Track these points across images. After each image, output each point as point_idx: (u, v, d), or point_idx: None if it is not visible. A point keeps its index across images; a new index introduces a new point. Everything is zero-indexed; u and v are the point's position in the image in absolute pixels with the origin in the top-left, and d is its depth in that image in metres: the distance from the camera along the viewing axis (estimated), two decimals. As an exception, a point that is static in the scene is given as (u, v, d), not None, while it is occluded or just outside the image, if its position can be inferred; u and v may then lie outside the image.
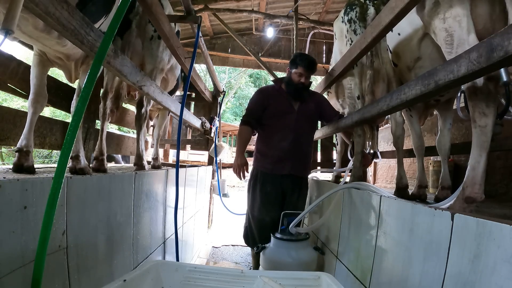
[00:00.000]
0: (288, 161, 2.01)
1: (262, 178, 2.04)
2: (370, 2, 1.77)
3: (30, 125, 1.18)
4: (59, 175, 0.77)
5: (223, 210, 4.03)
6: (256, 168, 2.10)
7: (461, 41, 1.04)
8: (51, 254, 0.89)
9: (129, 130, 5.67)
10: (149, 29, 1.75)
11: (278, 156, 2.02)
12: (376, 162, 3.87)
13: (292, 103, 2.08)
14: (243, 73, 17.80)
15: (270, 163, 2.03)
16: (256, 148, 2.15)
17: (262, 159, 2.08)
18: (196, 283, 1.02)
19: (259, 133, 2.16)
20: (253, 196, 2.07)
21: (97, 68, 0.88)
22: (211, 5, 4.30)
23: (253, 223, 2.06)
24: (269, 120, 2.07)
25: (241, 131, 2.07)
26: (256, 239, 2.02)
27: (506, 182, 2.16)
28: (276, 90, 2.14)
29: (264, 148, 2.09)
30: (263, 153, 2.08)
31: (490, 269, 0.68)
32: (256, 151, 2.15)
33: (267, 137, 2.08)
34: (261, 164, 2.07)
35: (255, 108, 2.09)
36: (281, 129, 2.03)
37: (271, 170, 2.03)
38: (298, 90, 2.03)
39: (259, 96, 2.15)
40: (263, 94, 2.14)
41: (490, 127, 1.00)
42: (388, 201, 1.20)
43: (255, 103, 2.11)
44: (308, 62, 1.98)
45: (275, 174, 2.02)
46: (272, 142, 2.04)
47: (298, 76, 2.00)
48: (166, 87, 2.38)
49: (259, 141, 2.15)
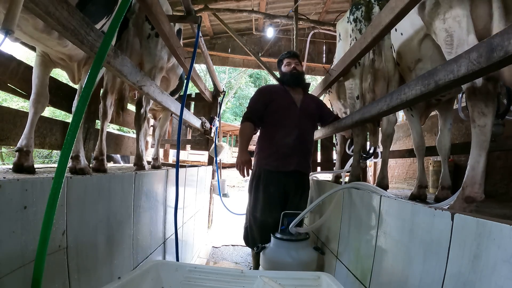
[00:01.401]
0: (294, 157, 2.00)
1: (266, 178, 2.00)
2: (375, 2, 1.78)
3: (30, 125, 1.18)
4: (59, 175, 0.77)
5: (223, 210, 4.03)
6: (259, 167, 2.05)
7: (461, 41, 1.04)
8: (51, 254, 0.89)
9: (129, 130, 5.67)
10: (146, 28, 1.74)
11: (283, 152, 1.99)
12: (376, 162, 3.87)
13: (294, 99, 2.09)
14: (243, 73, 17.81)
15: (275, 160, 1.99)
16: (259, 147, 2.12)
17: (266, 156, 2.03)
18: (196, 283, 1.02)
19: (261, 131, 2.13)
20: (256, 196, 2.02)
21: (98, 68, 0.88)
22: (211, 5, 4.31)
23: (254, 224, 2.03)
24: (272, 116, 2.04)
25: (243, 128, 2.03)
26: (257, 239, 2.00)
27: (506, 182, 2.16)
28: (278, 88, 2.17)
29: (268, 145, 2.05)
30: (267, 151, 2.04)
31: (490, 269, 0.68)
32: (258, 149, 2.11)
33: (270, 134, 2.05)
34: (265, 162, 2.03)
35: (257, 105, 2.08)
36: (285, 125, 2.02)
37: (277, 167, 1.99)
38: (294, 76, 2.12)
39: (261, 93, 2.16)
40: (265, 91, 2.16)
41: (489, 127, 1.00)
42: (388, 201, 1.20)
43: (257, 100, 2.11)
44: (289, 52, 2.19)
45: (280, 171, 1.99)
46: (276, 139, 2.01)
47: (287, 66, 2.14)
48: (167, 86, 2.36)
49: (262, 139, 2.12)
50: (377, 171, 4.25)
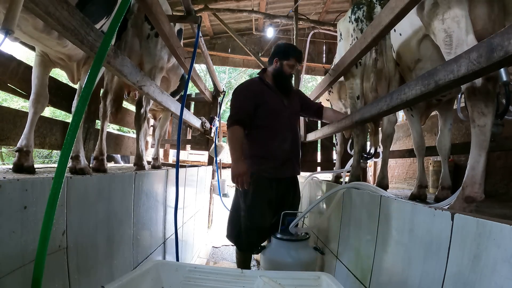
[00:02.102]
0: (290, 163, 1.92)
1: (264, 184, 1.86)
2: (377, 1, 1.78)
3: (30, 125, 1.18)
4: (59, 175, 0.77)
5: (223, 210, 4.02)
6: (252, 173, 1.82)
7: (459, 41, 1.05)
8: (51, 254, 0.89)
9: (129, 130, 5.67)
10: (145, 28, 1.74)
11: (282, 159, 1.88)
12: (376, 162, 3.87)
13: (283, 99, 1.94)
14: (243, 73, 17.79)
15: (273, 168, 1.86)
16: (252, 153, 1.89)
17: (261, 163, 1.86)
18: (196, 283, 1.02)
19: (251, 135, 1.90)
20: (253, 203, 1.86)
21: (97, 68, 0.88)
22: (211, 5, 4.31)
23: (252, 230, 1.88)
24: (265, 120, 1.86)
25: (233, 133, 1.79)
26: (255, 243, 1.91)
27: (506, 182, 2.16)
28: (263, 84, 1.94)
29: (263, 151, 1.87)
30: (263, 157, 1.87)
31: (490, 269, 0.68)
32: (251, 155, 1.88)
33: (265, 139, 1.87)
34: (262, 169, 1.85)
35: (246, 105, 1.84)
36: (279, 129, 1.88)
37: (275, 174, 1.87)
38: (288, 82, 1.97)
39: (247, 92, 1.90)
40: (252, 90, 1.90)
41: (489, 127, 1.00)
42: (388, 201, 1.20)
43: (243, 100, 1.86)
44: (300, 53, 1.96)
45: (277, 178, 1.88)
46: (273, 144, 1.86)
47: (290, 68, 1.91)
48: (168, 87, 2.35)
49: (254, 144, 1.90)
50: (377, 171, 4.26)
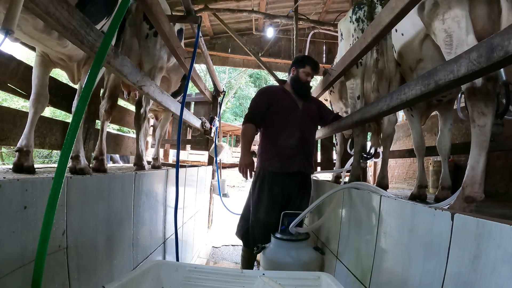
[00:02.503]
0: (297, 158, 2.02)
1: (270, 179, 2.01)
2: (378, 1, 1.79)
3: (30, 125, 1.18)
4: (59, 175, 0.77)
5: (223, 210, 4.03)
6: (262, 168, 2.05)
7: (460, 41, 1.05)
8: (51, 254, 0.89)
9: (129, 130, 5.67)
10: (144, 28, 1.74)
11: (287, 153, 2.01)
12: (376, 162, 3.87)
13: (296, 102, 2.12)
14: (243, 73, 17.80)
15: (279, 161, 2.01)
16: (261, 148, 2.13)
17: (269, 158, 2.04)
18: (196, 283, 1.02)
19: (263, 133, 2.14)
20: (259, 197, 2.02)
21: (97, 68, 0.88)
22: (211, 5, 4.30)
23: (257, 225, 2.02)
24: (274, 118, 2.07)
25: (245, 130, 2.06)
26: (258, 240, 1.98)
27: (506, 182, 2.16)
28: (280, 89, 2.18)
29: (270, 146, 2.06)
30: (270, 152, 2.05)
31: (490, 269, 0.68)
32: (261, 150, 2.12)
33: (273, 135, 2.07)
34: (268, 163, 2.03)
35: (259, 106, 2.10)
36: (287, 126, 2.04)
37: (280, 168, 2.00)
38: (304, 88, 2.14)
39: (262, 94, 2.17)
40: (267, 92, 2.17)
41: (489, 127, 1.00)
42: (388, 201, 1.20)
43: (259, 101, 2.12)
44: (315, 63, 2.16)
45: (284, 173, 2.00)
46: (279, 140, 2.03)
47: (306, 75, 2.12)
48: (169, 87, 2.34)
49: (264, 140, 2.13)
50: (377, 171, 4.26)
